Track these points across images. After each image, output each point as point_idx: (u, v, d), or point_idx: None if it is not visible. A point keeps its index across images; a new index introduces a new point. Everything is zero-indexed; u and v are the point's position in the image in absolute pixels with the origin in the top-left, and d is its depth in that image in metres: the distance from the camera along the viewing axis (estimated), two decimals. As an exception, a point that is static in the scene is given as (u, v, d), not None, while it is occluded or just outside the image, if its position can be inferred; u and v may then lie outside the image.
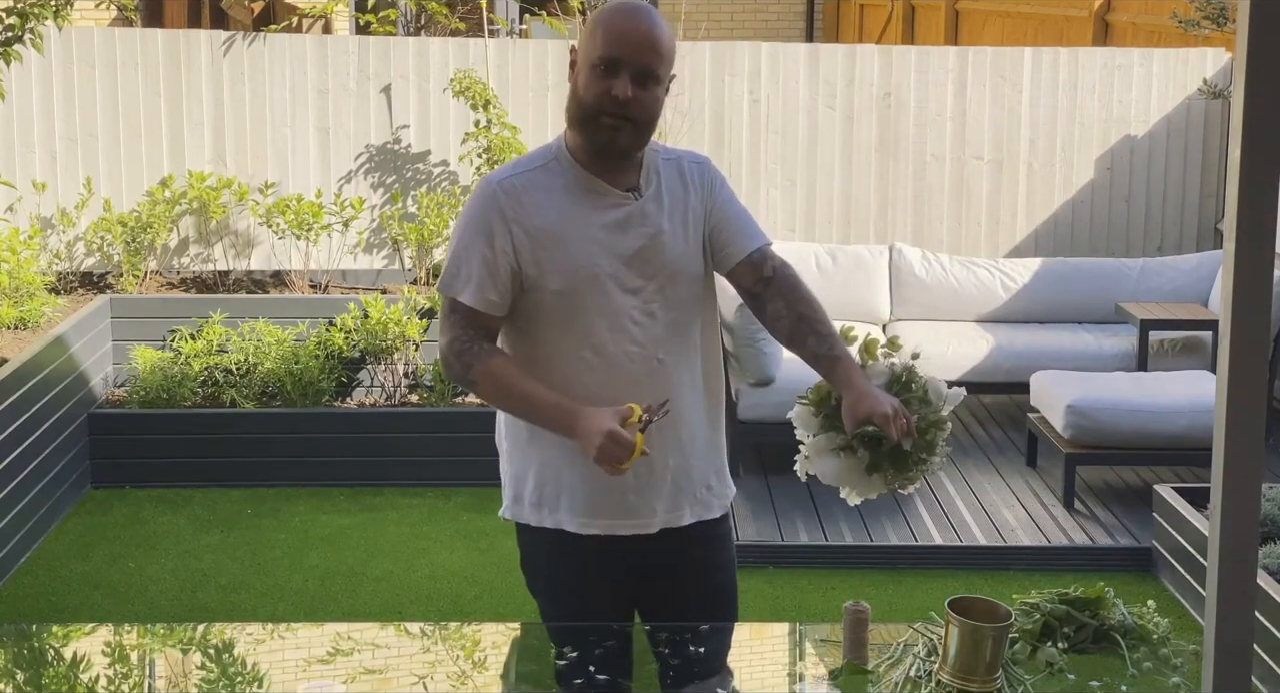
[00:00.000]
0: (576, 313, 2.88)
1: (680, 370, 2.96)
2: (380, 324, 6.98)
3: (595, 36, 2.82)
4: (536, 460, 2.97)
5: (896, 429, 2.75)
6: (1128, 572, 5.69)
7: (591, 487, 2.91)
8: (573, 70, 2.88)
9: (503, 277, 2.86)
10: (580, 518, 2.95)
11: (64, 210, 7.95)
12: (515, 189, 2.88)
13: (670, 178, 2.96)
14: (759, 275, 3.01)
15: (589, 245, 2.87)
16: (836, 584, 5.56)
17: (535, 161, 2.94)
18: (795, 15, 16.60)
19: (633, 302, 2.89)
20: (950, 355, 7.37)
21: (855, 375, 2.85)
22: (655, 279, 2.91)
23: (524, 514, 3.01)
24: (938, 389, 2.89)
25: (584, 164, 2.90)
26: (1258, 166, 2.28)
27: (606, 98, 2.80)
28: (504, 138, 7.72)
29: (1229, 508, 2.35)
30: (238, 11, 10.27)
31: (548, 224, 2.86)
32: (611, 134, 2.84)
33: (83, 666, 2.92)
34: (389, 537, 6.10)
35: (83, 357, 6.76)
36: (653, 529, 2.97)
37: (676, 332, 2.95)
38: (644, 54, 2.82)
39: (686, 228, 2.95)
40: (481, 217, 2.88)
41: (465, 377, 2.89)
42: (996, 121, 8.47)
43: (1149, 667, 2.70)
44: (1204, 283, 7.71)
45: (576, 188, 2.90)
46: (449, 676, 2.91)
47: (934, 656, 2.65)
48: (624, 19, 2.82)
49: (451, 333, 2.89)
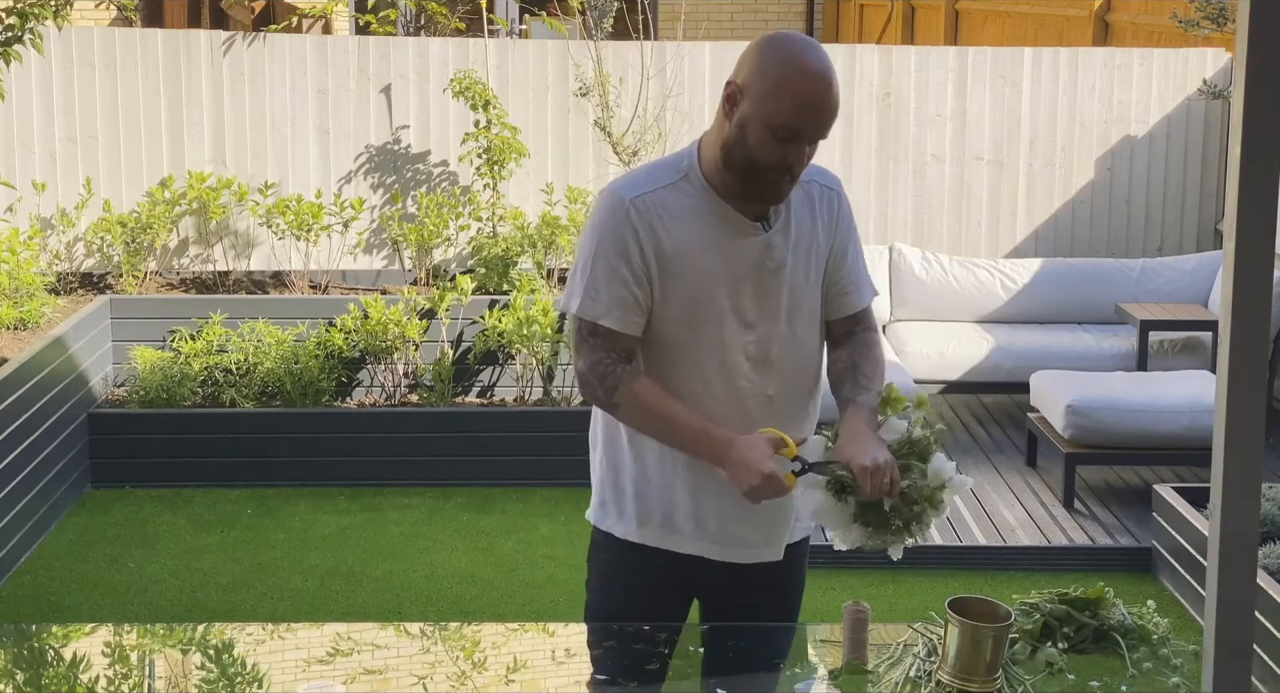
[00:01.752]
0: (691, 344, 2.81)
1: (794, 407, 2.91)
2: (380, 324, 6.98)
3: (781, 99, 2.67)
4: (632, 472, 2.90)
5: (872, 486, 2.68)
6: (1128, 572, 5.69)
7: (687, 507, 2.87)
8: (731, 105, 2.73)
9: (642, 297, 2.78)
10: (674, 537, 2.90)
11: (64, 210, 7.95)
12: (647, 208, 2.77)
13: (799, 206, 2.86)
14: (850, 330, 2.97)
15: (711, 276, 2.78)
16: (836, 584, 5.56)
17: (664, 177, 2.82)
18: (795, 15, 16.60)
19: (748, 336, 2.82)
20: (950, 355, 7.38)
21: (860, 422, 2.79)
22: (774, 314, 2.83)
23: (610, 523, 2.95)
24: (941, 470, 2.76)
25: (717, 189, 2.79)
26: (1258, 166, 2.28)
27: (783, 164, 2.71)
28: (504, 138, 7.72)
29: (1229, 508, 2.34)
30: (238, 12, 10.27)
31: (676, 249, 2.77)
32: (777, 189, 2.76)
33: (83, 666, 2.92)
34: (389, 537, 6.10)
35: (82, 357, 6.76)
36: (748, 560, 2.93)
37: (790, 367, 2.88)
38: (827, 125, 2.72)
39: (809, 263, 2.87)
40: (616, 232, 2.77)
41: (608, 400, 2.80)
42: (996, 121, 8.47)
43: (1149, 667, 2.70)
44: (1204, 283, 7.71)
45: (707, 213, 2.79)
46: (449, 676, 2.91)
47: (934, 656, 2.65)
48: (814, 87, 2.69)
49: (594, 356, 2.79)
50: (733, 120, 2.72)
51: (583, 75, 8.08)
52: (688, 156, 2.84)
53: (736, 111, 2.72)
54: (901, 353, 7.34)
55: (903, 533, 2.76)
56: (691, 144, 2.88)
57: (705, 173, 2.81)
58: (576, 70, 8.13)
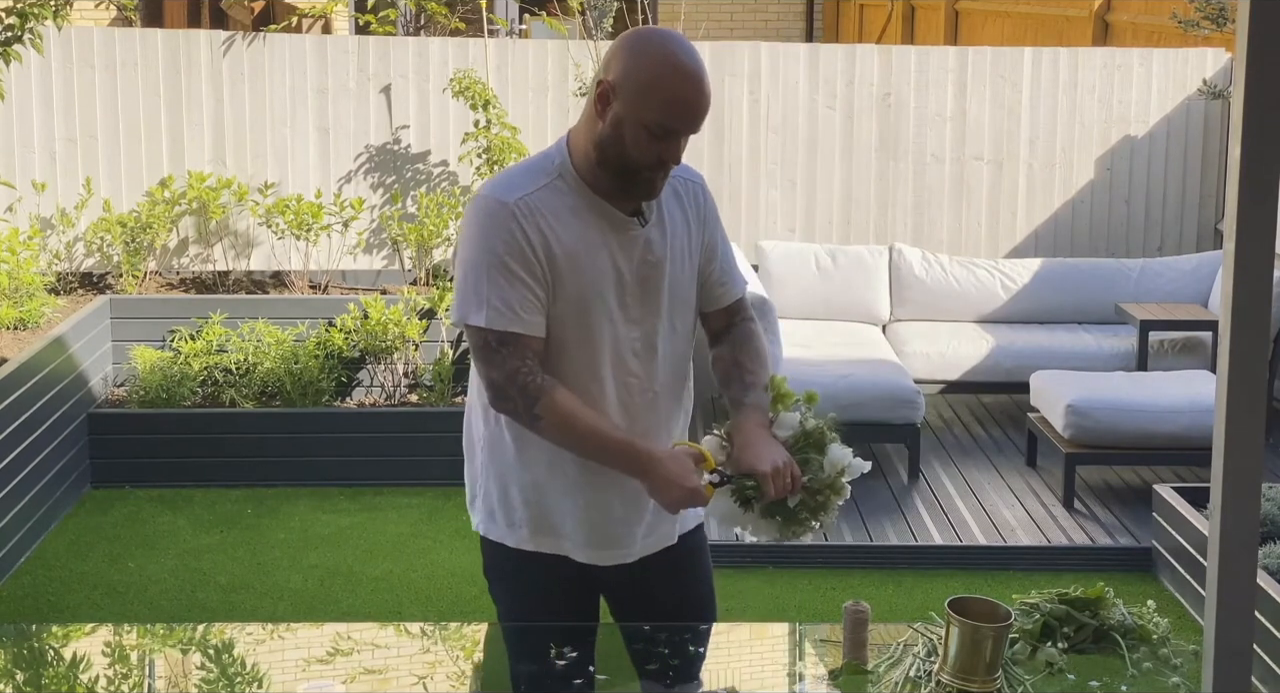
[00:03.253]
0: (581, 343, 2.80)
1: (672, 400, 2.94)
2: (380, 324, 6.98)
3: (651, 99, 2.67)
4: (519, 481, 2.89)
5: (775, 488, 2.71)
6: (1128, 572, 5.69)
7: (579, 517, 2.87)
8: (604, 103, 2.71)
9: (543, 297, 2.74)
10: (566, 544, 2.90)
11: (64, 210, 7.95)
12: (531, 209, 2.74)
13: (668, 201, 2.88)
14: (729, 322, 3.01)
15: (599, 273, 2.78)
16: (836, 584, 5.55)
17: (538, 178, 2.79)
18: (795, 15, 16.60)
19: (634, 332, 2.83)
20: (950, 355, 7.38)
21: (750, 423, 2.81)
22: (656, 310, 2.85)
23: (500, 533, 2.94)
24: (838, 458, 2.79)
25: (592, 187, 2.78)
26: (1258, 166, 2.28)
27: (658, 161, 2.71)
28: (504, 138, 7.72)
29: (1229, 508, 2.35)
30: (237, 12, 10.28)
31: (564, 249, 2.75)
32: (652, 185, 2.76)
33: (83, 666, 2.92)
34: (389, 537, 6.10)
35: (82, 357, 6.76)
36: (631, 559, 2.94)
37: (672, 362, 2.91)
38: (701, 120, 2.72)
39: (685, 257, 2.89)
40: (506, 237, 2.72)
41: (529, 412, 2.74)
42: (996, 121, 8.47)
43: (1149, 667, 2.70)
44: (1204, 283, 7.71)
45: (585, 211, 2.78)
46: (449, 676, 2.91)
47: (934, 656, 2.65)
48: (685, 86, 2.68)
49: (509, 365, 2.73)
50: (606, 119, 2.71)
51: (583, 75, 8.08)
52: (558, 155, 2.82)
53: (609, 111, 2.71)
54: (901, 353, 7.34)
55: (810, 521, 2.79)
56: (558, 142, 2.86)
57: (579, 170, 2.79)
58: (576, 70, 8.14)
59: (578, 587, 2.96)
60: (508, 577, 2.97)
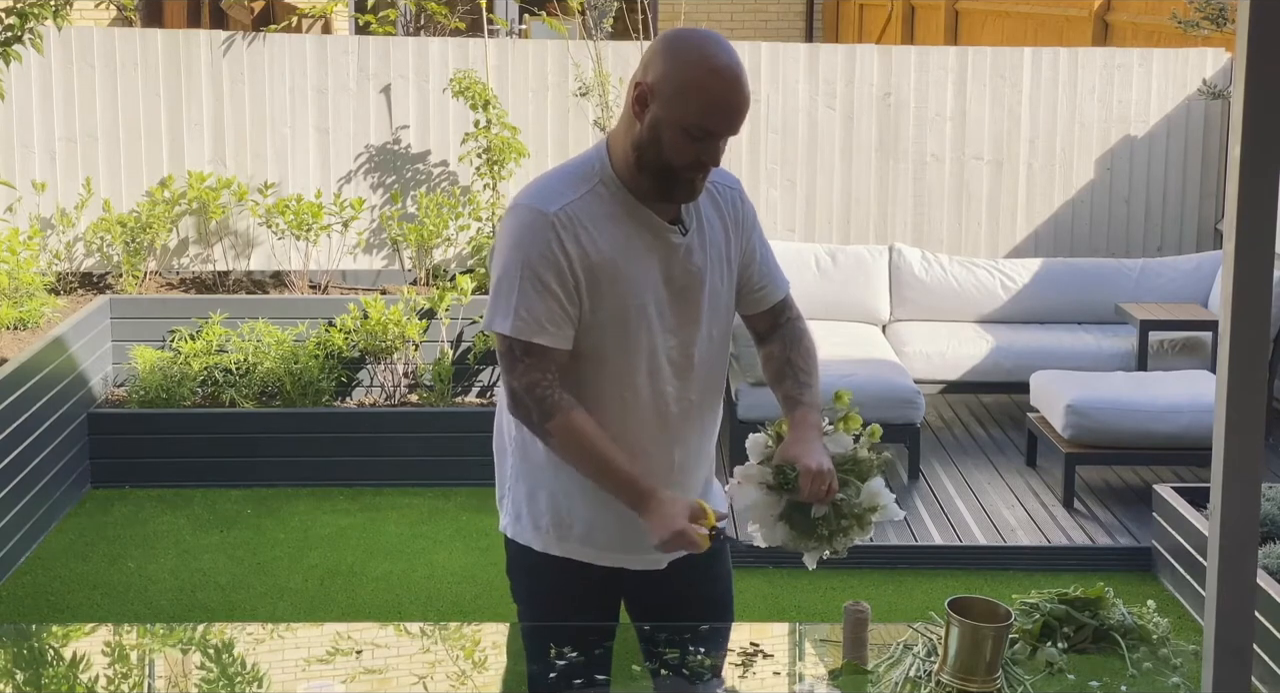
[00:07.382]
0: (619, 353, 2.78)
1: (708, 408, 2.93)
2: (380, 324, 6.98)
3: (689, 101, 2.64)
4: (549, 485, 2.89)
5: (811, 490, 2.70)
6: (1127, 572, 5.69)
7: (605, 520, 2.87)
8: (642, 106, 2.68)
9: (573, 311, 2.73)
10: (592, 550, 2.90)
11: (64, 210, 7.95)
12: (571, 220, 2.71)
13: (706, 208, 2.85)
14: (775, 322, 3.00)
15: (638, 282, 2.76)
16: (836, 584, 5.55)
17: (579, 186, 2.76)
18: (795, 15, 16.59)
19: (671, 341, 2.82)
20: (950, 355, 7.38)
21: (809, 427, 2.81)
22: (695, 319, 2.83)
23: (526, 536, 2.94)
24: (876, 491, 2.77)
25: (633, 192, 2.75)
26: (1258, 167, 2.28)
27: (698, 163, 2.69)
28: (504, 138, 7.72)
29: (1229, 508, 2.35)
30: (237, 12, 10.27)
31: (603, 259, 2.73)
32: (691, 187, 2.74)
33: (83, 666, 2.92)
34: (389, 537, 6.10)
35: (82, 357, 6.76)
36: (663, 565, 2.94)
37: (708, 370, 2.89)
38: (740, 121, 2.69)
39: (723, 264, 2.87)
40: (542, 248, 2.70)
41: (541, 425, 2.74)
42: (996, 121, 8.47)
43: (1149, 667, 2.70)
44: (1204, 283, 7.71)
45: (626, 218, 2.76)
46: (449, 676, 2.91)
47: (934, 656, 2.65)
48: (723, 88, 2.65)
49: (530, 376, 2.72)
50: (644, 122, 2.69)
51: (582, 75, 8.08)
52: (598, 159, 2.79)
53: (647, 113, 2.69)
54: (901, 353, 7.34)
55: (824, 543, 2.78)
56: (597, 146, 2.83)
57: (619, 174, 2.76)
58: (576, 70, 8.14)
59: (601, 591, 2.96)
60: (532, 579, 2.99)
